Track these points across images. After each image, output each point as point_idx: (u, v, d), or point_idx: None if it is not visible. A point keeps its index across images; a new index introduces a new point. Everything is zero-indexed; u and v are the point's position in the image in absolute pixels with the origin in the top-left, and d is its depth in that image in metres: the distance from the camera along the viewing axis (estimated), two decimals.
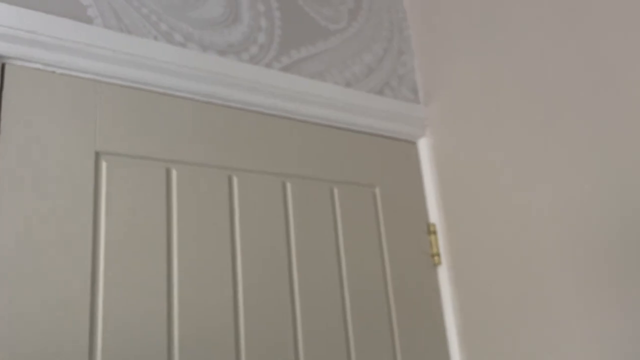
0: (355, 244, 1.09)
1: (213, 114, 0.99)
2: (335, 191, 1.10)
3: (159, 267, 0.86)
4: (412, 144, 1.26)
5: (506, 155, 1.07)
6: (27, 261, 0.76)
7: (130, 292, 0.82)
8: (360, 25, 1.26)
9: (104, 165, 0.86)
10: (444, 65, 1.24)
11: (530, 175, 1.02)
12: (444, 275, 1.17)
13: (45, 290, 0.76)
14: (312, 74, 1.13)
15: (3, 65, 0.82)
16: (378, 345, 1.04)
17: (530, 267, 1.00)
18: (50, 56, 0.85)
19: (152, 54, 0.92)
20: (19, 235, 0.76)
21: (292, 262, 1.00)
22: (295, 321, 0.97)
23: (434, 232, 1.20)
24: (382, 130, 1.21)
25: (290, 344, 0.94)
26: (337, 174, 1.11)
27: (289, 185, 1.04)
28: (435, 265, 1.18)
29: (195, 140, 0.96)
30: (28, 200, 0.78)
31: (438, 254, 1.18)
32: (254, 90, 1.03)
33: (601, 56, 0.93)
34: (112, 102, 0.89)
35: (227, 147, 0.99)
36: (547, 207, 0.99)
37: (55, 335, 0.75)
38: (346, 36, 1.22)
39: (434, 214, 1.21)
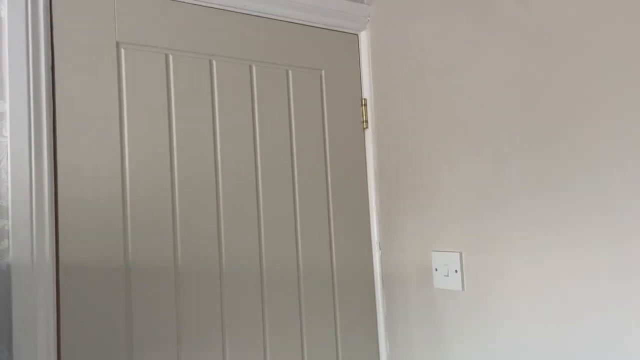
0: (304, 113, 1.52)
1: (199, 13, 1.37)
2: (290, 73, 1.51)
3: (163, 125, 1.30)
4: (354, 36, 1.64)
5: (427, 51, 1.45)
6: (77, 121, 1.20)
7: (145, 143, 1.28)
8: None
9: (122, 52, 1.27)
10: None
11: (443, 67, 1.42)
12: (369, 135, 1.62)
13: (92, 138, 1.21)
14: None
15: None
16: (316, 186, 1.53)
17: (431, 133, 1.44)
18: None
19: None
20: (69, 104, 1.19)
21: (255, 121, 1.44)
22: (257, 168, 1.44)
23: (365, 105, 1.62)
24: (331, 25, 1.57)
25: (252, 183, 1.42)
26: (292, 60, 1.51)
27: (254, 68, 1.45)
28: (364, 129, 1.63)
29: (185, 33, 1.35)
30: (76, 75, 1.20)
31: (366, 121, 1.62)
32: None
33: None
34: (126, 4, 1.27)
35: (209, 38, 1.38)
36: (453, 96, 1.40)
37: (97, 164, 1.22)
38: None
39: (367, 91, 1.63)
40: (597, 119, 1.02)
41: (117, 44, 1.26)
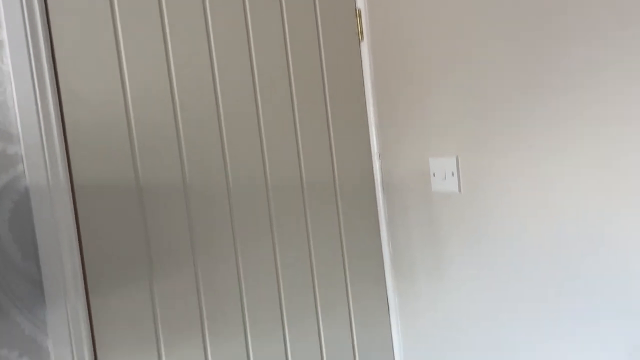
0: (298, 27, 1.52)
1: None
2: None
3: (160, 46, 1.32)
4: None
5: None
6: (75, 46, 1.21)
7: (143, 64, 1.30)
8: None
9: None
10: None
11: None
12: (364, 47, 1.62)
13: (91, 62, 1.23)
14: None
15: None
16: (314, 99, 1.55)
17: (426, 42, 1.44)
18: None
19: None
20: (65, 30, 1.20)
21: (250, 37, 1.45)
22: (255, 83, 1.46)
23: (360, 16, 1.61)
24: None
25: (252, 98, 1.45)
26: None
27: None
28: (359, 41, 1.63)
29: None
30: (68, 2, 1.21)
31: (362, 32, 1.62)
32: None
33: None
34: None
35: None
36: (445, 4, 1.39)
37: (99, 87, 1.25)
38: None
39: (360, 1, 1.61)
40: (583, 19, 1.02)
41: None
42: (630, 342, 1.03)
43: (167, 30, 1.33)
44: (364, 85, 1.64)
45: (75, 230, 1.22)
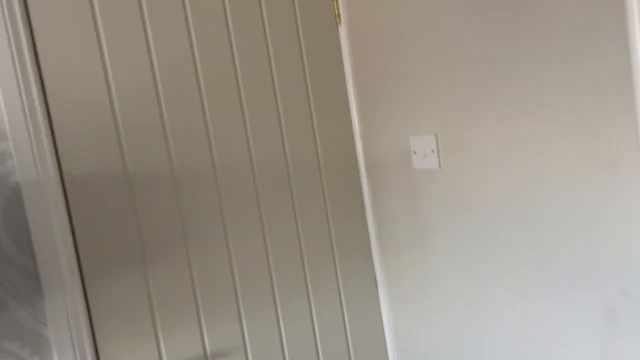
0: (276, 14, 1.54)
1: None
2: None
3: (140, 34, 1.33)
4: None
5: None
6: (56, 40, 1.22)
7: (126, 55, 1.32)
8: None
9: None
10: None
11: None
12: (342, 31, 1.65)
13: (73, 52, 1.24)
14: None
15: None
16: (295, 83, 1.58)
17: (405, 24, 1.48)
18: None
19: None
20: (46, 26, 1.21)
21: (229, 25, 1.47)
22: (236, 70, 1.48)
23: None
24: None
25: (234, 84, 1.47)
26: None
27: None
28: (337, 24, 1.66)
29: None
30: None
31: (339, 15, 1.64)
32: None
33: None
34: None
35: None
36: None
37: (83, 80, 1.26)
38: None
39: None
40: (547, 14, 1.07)
41: None
42: (604, 302, 1.10)
43: (148, 23, 1.34)
44: (343, 68, 1.67)
45: (68, 222, 1.25)
